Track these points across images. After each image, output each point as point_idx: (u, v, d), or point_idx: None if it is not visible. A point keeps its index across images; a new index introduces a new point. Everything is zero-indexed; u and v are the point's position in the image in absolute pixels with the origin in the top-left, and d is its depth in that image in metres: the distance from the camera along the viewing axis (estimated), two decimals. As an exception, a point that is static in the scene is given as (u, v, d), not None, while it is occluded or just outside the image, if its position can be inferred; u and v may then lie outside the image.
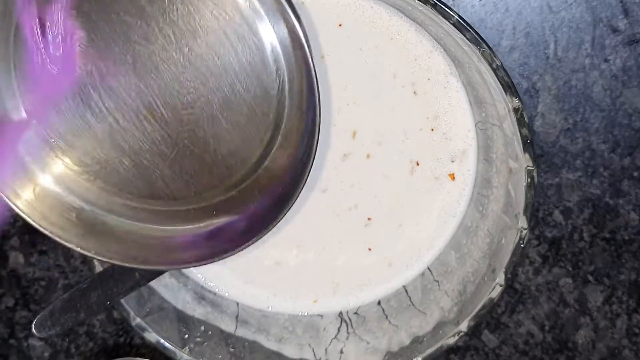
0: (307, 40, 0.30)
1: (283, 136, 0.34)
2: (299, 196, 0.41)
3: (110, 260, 0.36)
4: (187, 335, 0.40)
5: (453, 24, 0.34)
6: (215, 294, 0.43)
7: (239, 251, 0.35)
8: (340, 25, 0.40)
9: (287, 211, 0.34)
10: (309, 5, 0.39)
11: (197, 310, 0.42)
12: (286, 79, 0.32)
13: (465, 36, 0.34)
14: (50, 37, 0.32)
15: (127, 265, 0.36)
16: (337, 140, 0.41)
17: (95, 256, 0.36)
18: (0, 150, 0.35)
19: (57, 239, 0.36)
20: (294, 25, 0.30)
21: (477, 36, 0.34)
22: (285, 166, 0.34)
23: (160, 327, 0.39)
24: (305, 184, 0.35)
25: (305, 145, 0.32)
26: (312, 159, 0.32)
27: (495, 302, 0.38)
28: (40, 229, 0.36)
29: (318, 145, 0.32)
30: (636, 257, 0.46)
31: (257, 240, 0.35)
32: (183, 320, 0.41)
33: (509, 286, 0.46)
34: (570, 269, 0.46)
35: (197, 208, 0.37)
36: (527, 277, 0.46)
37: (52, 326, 0.39)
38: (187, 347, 0.40)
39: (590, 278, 0.46)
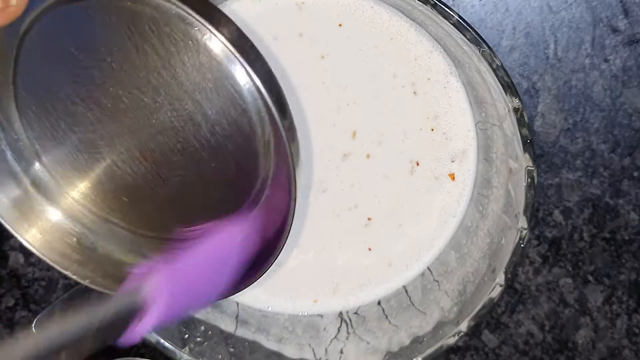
0: (279, 104, 0.30)
1: (271, 187, 0.34)
2: (299, 197, 0.41)
3: (105, 290, 0.37)
4: (187, 335, 0.40)
5: (453, 24, 0.34)
6: (215, 294, 0.43)
7: (219, 300, 0.35)
8: (340, 25, 0.40)
9: (270, 266, 0.34)
10: (309, 5, 0.39)
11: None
12: (271, 141, 0.32)
13: (465, 36, 0.34)
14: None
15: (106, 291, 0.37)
16: (337, 140, 0.41)
17: (91, 285, 0.37)
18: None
19: (56, 267, 0.36)
20: (271, 110, 0.30)
21: (477, 36, 0.34)
22: (270, 222, 0.34)
23: (160, 327, 0.39)
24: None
25: (286, 203, 0.32)
26: (292, 211, 0.32)
27: (495, 302, 0.38)
28: (39, 254, 0.36)
29: (296, 202, 0.32)
30: (636, 257, 0.46)
31: (241, 289, 0.35)
32: (183, 320, 0.41)
33: (509, 286, 0.46)
34: (570, 269, 0.46)
35: (189, 245, 0.37)
36: (527, 277, 0.46)
37: (52, 326, 0.39)
38: (187, 347, 0.40)
39: (590, 278, 0.46)
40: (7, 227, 0.36)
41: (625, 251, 0.46)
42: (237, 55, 0.29)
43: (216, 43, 0.29)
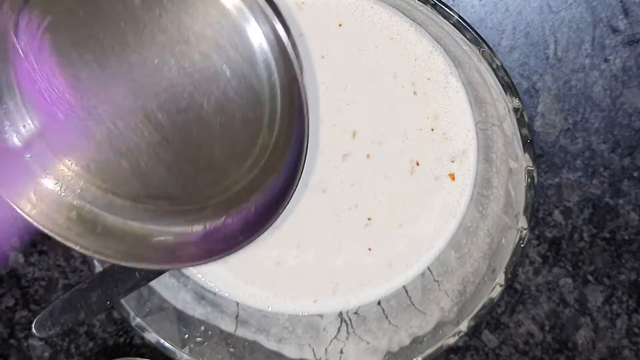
0: (293, 48, 0.30)
1: (276, 139, 0.34)
2: (299, 196, 0.41)
3: (108, 259, 0.36)
4: (187, 335, 0.40)
5: (453, 24, 0.34)
6: (215, 294, 0.43)
7: (236, 251, 0.35)
8: (340, 25, 0.40)
9: (282, 211, 0.34)
10: (309, 5, 0.39)
11: (197, 310, 0.42)
12: (277, 85, 0.32)
13: (465, 36, 0.34)
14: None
15: (125, 264, 0.36)
16: (337, 140, 0.41)
17: (95, 254, 0.36)
18: (3, 154, 0.36)
19: (58, 238, 0.36)
20: (279, 34, 0.30)
21: (477, 36, 0.34)
22: (279, 167, 0.34)
23: (160, 327, 0.39)
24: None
25: (297, 147, 0.32)
26: (303, 160, 0.32)
27: (495, 302, 0.38)
28: (41, 227, 0.36)
29: (309, 146, 0.32)
30: (636, 257, 0.46)
31: (254, 239, 0.35)
32: (183, 320, 0.41)
33: (509, 286, 0.46)
34: (570, 269, 0.46)
35: (193, 209, 0.37)
36: (527, 277, 0.46)
37: (52, 326, 0.39)
38: (187, 347, 0.40)
39: (590, 278, 0.46)
40: (5, 197, 0.35)
41: (625, 251, 0.46)
42: (249, 12, 0.29)
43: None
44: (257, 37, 0.32)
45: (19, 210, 0.36)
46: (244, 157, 0.35)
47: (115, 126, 0.34)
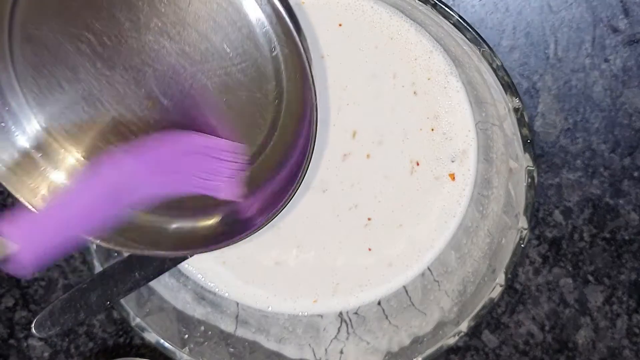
0: (292, 19, 0.30)
1: (285, 116, 0.34)
2: (300, 197, 0.41)
3: (128, 250, 0.36)
4: (187, 336, 0.40)
5: (453, 24, 0.34)
6: (215, 294, 0.43)
7: (253, 233, 0.35)
8: (340, 25, 0.40)
9: (298, 187, 0.34)
10: (309, 5, 0.39)
11: (197, 311, 0.42)
12: (280, 58, 0.32)
13: (465, 36, 0.34)
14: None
15: (143, 253, 0.36)
16: (337, 140, 0.41)
17: (115, 247, 0.36)
18: (12, 155, 0.36)
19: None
20: (277, 6, 0.30)
21: (477, 36, 0.34)
22: (290, 144, 0.34)
23: (160, 327, 0.39)
24: (305, 183, 0.34)
25: (307, 123, 0.32)
26: (314, 132, 0.32)
27: (496, 302, 0.38)
28: None
29: (318, 123, 0.32)
30: (636, 257, 0.46)
31: (271, 219, 0.35)
32: (183, 320, 0.41)
33: (509, 286, 0.46)
34: (570, 269, 0.46)
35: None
36: (527, 277, 0.46)
37: (52, 326, 0.39)
38: (187, 347, 0.40)
39: (591, 278, 0.46)
40: (12, 191, 0.35)
41: (626, 251, 0.46)
42: None
43: None
44: (255, 12, 0.31)
45: (30, 207, 0.35)
46: (255, 135, 0.35)
47: (121, 114, 0.34)
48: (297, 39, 0.30)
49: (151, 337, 0.39)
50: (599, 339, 0.47)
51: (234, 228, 0.36)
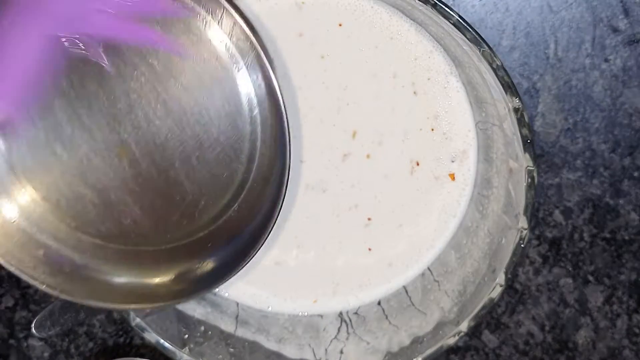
0: (280, 88, 0.30)
1: (254, 178, 0.33)
2: (300, 197, 0.41)
3: (74, 299, 0.35)
4: (187, 336, 0.40)
5: (453, 24, 0.34)
6: (215, 294, 0.43)
7: (206, 293, 0.34)
8: (340, 25, 0.40)
9: (256, 252, 0.33)
10: (309, 5, 0.39)
11: (197, 311, 0.42)
12: (259, 122, 0.32)
13: (465, 36, 0.34)
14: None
15: (92, 304, 0.35)
16: (337, 140, 0.41)
17: (61, 294, 0.35)
18: None
19: (24, 277, 0.35)
20: (269, 74, 0.30)
21: (477, 36, 0.34)
22: (256, 207, 0.34)
23: (160, 327, 0.39)
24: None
25: (275, 187, 0.32)
26: (281, 200, 0.32)
27: (496, 302, 0.38)
28: (5, 264, 0.35)
29: (288, 186, 0.31)
30: (636, 257, 0.46)
31: (225, 281, 0.34)
32: (183, 320, 0.41)
33: (509, 286, 0.46)
34: (570, 269, 0.46)
35: (165, 249, 0.36)
36: (528, 277, 0.46)
37: (52, 326, 0.39)
38: (187, 347, 0.40)
39: (591, 278, 0.46)
40: None
41: (626, 251, 0.46)
42: (238, 55, 0.29)
43: (220, 38, 0.29)
44: (244, 79, 0.31)
45: None
46: (222, 194, 0.34)
47: (89, 158, 0.34)
48: (281, 102, 0.30)
49: (151, 337, 0.39)
50: (599, 339, 0.47)
51: (188, 286, 0.36)
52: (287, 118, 0.30)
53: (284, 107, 0.30)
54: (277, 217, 0.32)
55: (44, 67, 0.32)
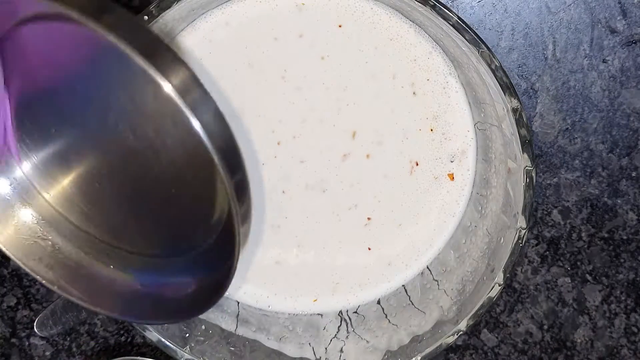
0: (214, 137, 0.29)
1: (227, 217, 0.33)
2: (300, 197, 0.42)
3: (72, 299, 0.36)
4: (187, 334, 0.41)
5: (452, 25, 0.34)
6: (215, 293, 0.43)
7: (181, 321, 0.34)
8: (340, 26, 0.40)
9: (217, 300, 0.33)
10: (309, 6, 0.39)
11: (197, 310, 0.42)
12: (223, 171, 0.31)
13: (464, 37, 0.34)
14: None
15: (91, 308, 0.36)
16: (337, 140, 0.41)
17: (71, 297, 0.35)
18: None
19: (35, 276, 0.35)
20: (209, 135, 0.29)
21: (476, 37, 0.34)
22: (225, 252, 0.33)
23: (161, 326, 0.40)
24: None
25: (235, 255, 0.32)
26: (236, 253, 0.31)
27: (494, 302, 0.38)
28: (18, 261, 0.35)
29: (241, 245, 0.31)
30: (634, 257, 0.46)
31: (200, 313, 0.34)
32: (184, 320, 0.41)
33: (508, 285, 0.46)
34: (568, 268, 0.46)
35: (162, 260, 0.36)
36: (526, 277, 0.46)
37: (54, 325, 0.39)
38: (187, 346, 0.40)
39: (589, 277, 0.46)
40: None
41: (624, 251, 0.46)
42: (184, 107, 0.28)
43: (163, 89, 0.29)
44: (197, 124, 0.31)
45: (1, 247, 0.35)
46: (197, 226, 0.34)
47: (97, 163, 0.34)
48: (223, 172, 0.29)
49: (152, 336, 0.39)
50: (597, 338, 0.47)
51: (166, 305, 0.35)
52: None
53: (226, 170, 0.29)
54: (234, 274, 0.32)
55: None
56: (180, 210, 0.34)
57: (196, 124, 0.27)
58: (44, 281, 0.35)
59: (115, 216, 0.36)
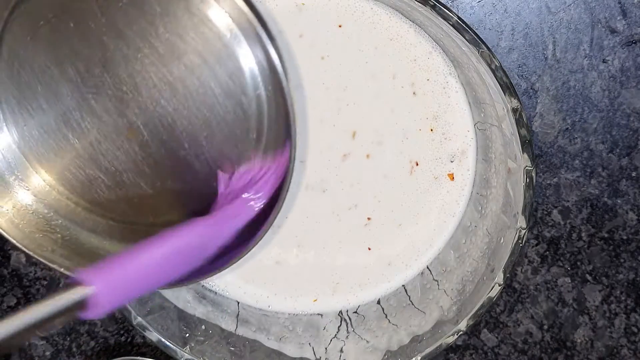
0: (282, 66, 0.30)
1: (264, 153, 0.33)
2: (300, 196, 0.42)
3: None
4: (188, 334, 0.41)
5: (452, 25, 0.34)
6: (215, 293, 0.43)
7: (214, 274, 0.35)
8: (340, 26, 0.40)
9: (264, 234, 0.33)
10: (309, 6, 0.39)
11: (197, 310, 0.42)
12: (264, 101, 0.32)
13: (464, 37, 0.34)
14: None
15: None
16: (337, 140, 0.41)
17: (66, 272, 0.35)
18: None
19: (43, 260, 0.35)
20: (269, 52, 0.30)
21: (476, 37, 0.34)
22: (267, 183, 0.34)
23: (161, 326, 0.40)
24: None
25: (283, 162, 0.32)
26: (290, 177, 0.32)
27: (494, 302, 0.38)
28: (24, 249, 0.35)
29: (294, 163, 0.31)
30: (634, 257, 0.46)
31: (230, 265, 0.34)
32: (184, 319, 0.41)
33: (508, 285, 0.46)
34: (568, 268, 0.46)
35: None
36: (526, 277, 0.46)
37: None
38: (188, 346, 0.40)
39: (589, 277, 0.46)
40: None
41: (624, 251, 0.46)
42: (240, 33, 0.29)
43: (220, 16, 0.29)
44: (247, 57, 0.31)
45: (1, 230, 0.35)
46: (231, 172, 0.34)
47: (99, 142, 0.34)
48: (284, 80, 0.30)
49: (152, 336, 0.39)
50: (597, 338, 0.47)
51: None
52: (290, 96, 0.30)
53: (287, 84, 0.30)
54: (286, 194, 0.32)
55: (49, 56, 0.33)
56: (213, 159, 0.33)
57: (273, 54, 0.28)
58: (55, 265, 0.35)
59: (139, 189, 0.35)
